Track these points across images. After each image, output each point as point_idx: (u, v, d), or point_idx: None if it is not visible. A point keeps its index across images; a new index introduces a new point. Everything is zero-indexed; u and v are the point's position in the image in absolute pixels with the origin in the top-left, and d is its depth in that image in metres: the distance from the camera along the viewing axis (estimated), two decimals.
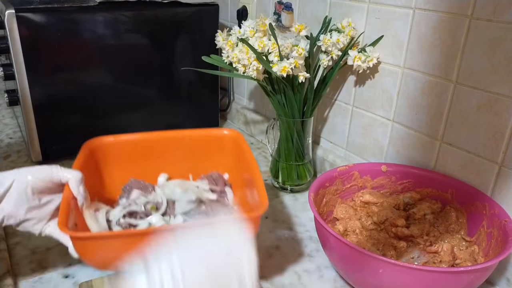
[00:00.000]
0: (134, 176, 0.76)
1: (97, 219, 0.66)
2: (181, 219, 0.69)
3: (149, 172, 0.78)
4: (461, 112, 0.72)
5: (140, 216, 0.69)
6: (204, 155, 0.79)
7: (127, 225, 0.68)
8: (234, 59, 0.83)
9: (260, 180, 0.66)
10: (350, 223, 0.74)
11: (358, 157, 0.93)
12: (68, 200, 0.60)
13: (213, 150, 0.79)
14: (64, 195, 0.61)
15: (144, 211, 0.70)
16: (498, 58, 0.65)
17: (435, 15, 0.72)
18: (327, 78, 0.88)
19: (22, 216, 0.59)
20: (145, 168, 0.78)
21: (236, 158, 0.77)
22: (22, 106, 0.94)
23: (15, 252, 0.74)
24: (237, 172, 0.78)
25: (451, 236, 0.70)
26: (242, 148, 0.75)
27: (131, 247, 0.54)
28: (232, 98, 1.31)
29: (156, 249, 0.49)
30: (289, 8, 1.01)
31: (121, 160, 0.76)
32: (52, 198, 0.62)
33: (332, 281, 0.71)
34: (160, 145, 0.78)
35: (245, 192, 0.72)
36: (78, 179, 0.62)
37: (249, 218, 0.59)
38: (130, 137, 0.78)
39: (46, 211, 0.61)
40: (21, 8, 0.88)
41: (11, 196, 0.58)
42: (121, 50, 1.01)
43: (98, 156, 0.74)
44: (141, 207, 0.71)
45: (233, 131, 0.79)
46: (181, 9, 1.06)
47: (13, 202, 0.58)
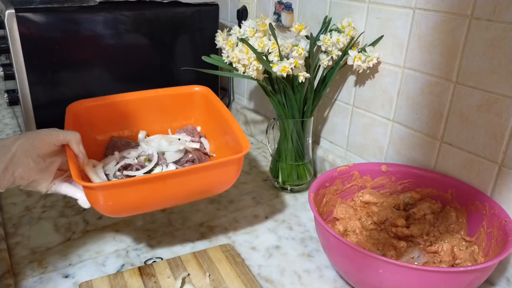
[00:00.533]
0: (115, 135, 0.85)
1: (97, 173, 0.72)
2: (173, 167, 0.76)
3: (128, 130, 0.87)
4: (461, 112, 0.72)
5: (136, 168, 0.76)
6: (178, 111, 0.89)
7: (124, 177, 0.74)
8: (234, 59, 0.83)
9: (236, 126, 0.74)
10: (350, 223, 0.74)
11: (358, 157, 0.93)
12: (72, 158, 0.66)
13: (186, 105, 0.89)
14: (68, 154, 0.66)
15: (138, 163, 0.77)
16: (498, 58, 0.65)
17: (435, 15, 0.72)
18: (327, 78, 0.88)
19: (31, 177, 0.63)
20: (125, 127, 0.86)
21: (207, 111, 0.86)
22: (22, 106, 0.94)
23: (15, 252, 0.74)
24: (209, 124, 0.87)
25: (451, 236, 0.70)
26: (213, 101, 0.83)
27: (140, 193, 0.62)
28: (232, 98, 1.31)
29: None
30: (289, 8, 1.01)
31: (102, 121, 0.83)
32: (54, 159, 0.67)
33: (332, 281, 0.71)
34: (137, 105, 0.86)
35: (224, 139, 0.80)
36: (77, 139, 0.68)
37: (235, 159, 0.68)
38: (109, 99, 0.85)
39: (50, 170, 0.66)
40: (21, 8, 0.88)
41: (19, 159, 0.61)
42: (121, 50, 1.01)
43: (81, 118, 0.80)
44: (134, 160, 0.78)
45: (203, 87, 0.88)
46: (181, 9, 1.06)
47: (21, 164, 0.61)
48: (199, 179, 0.67)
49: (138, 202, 0.65)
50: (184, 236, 0.79)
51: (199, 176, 0.67)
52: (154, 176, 0.67)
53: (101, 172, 0.73)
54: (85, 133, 0.77)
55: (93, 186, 0.61)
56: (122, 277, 0.67)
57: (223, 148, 0.81)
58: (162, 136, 0.85)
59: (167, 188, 0.65)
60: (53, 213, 0.84)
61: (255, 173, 1.03)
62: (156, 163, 0.78)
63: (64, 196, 0.89)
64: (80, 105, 0.82)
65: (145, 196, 0.64)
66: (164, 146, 0.80)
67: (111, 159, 0.79)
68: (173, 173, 0.68)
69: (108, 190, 0.62)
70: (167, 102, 0.88)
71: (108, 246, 0.76)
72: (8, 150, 0.61)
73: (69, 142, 0.67)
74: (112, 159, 0.79)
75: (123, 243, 0.77)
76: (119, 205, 0.64)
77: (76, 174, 0.61)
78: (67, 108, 0.79)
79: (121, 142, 0.84)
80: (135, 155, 0.80)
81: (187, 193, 0.69)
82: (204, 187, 0.69)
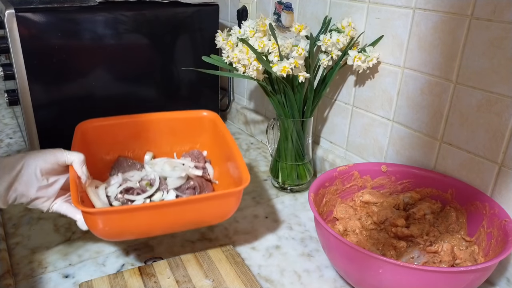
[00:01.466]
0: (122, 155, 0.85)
1: (99, 195, 0.73)
2: (173, 194, 0.77)
3: (135, 151, 0.87)
4: (461, 112, 0.72)
5: (137, 192, 0.76)
6: (185, 134, 0.88)
7: (125, 200, 0.74)
8: (234, 59, 0.83)
9: (239, 155, 0.74)
10: (350, 223, 0.74)
11: (358, 157, 0.93)
12: (75, 179, 0.67)
13: (193, 130, 0.89)
14: (71, 175, 0.67)
15: (139, 187, 0.77)
16: (498, 58, 0.65)
17: (435, 15, 0.72)
18: (327, 78, 0.88)
19: (33, 195, 0.65)
20: (132, 148, 0.87)
21: (214, 136, 0.86)
22: (22, 106, 0.94)
23: (15, 252, 0.74)
24: (215, 149, 0.86)
25: (451, 236, 0.70)
26: (219, 127, 0.83)
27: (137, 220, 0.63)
28: (232, 98, 1.31)
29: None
30: (289, 8, 1.01)
31: (110, 141, 0.84)
32: (58, 178, 0.68)
33: (332, 281, 0.71)
34: (145, 126, 0.87)
35: (226, 166, 0.80)
36: (81, 160, 0.69)
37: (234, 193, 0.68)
38: (117, 120, 0.85)
39: (53, 190, 0.67)
40: (21, 8, 0.88)
41: (22, 177, 0.64)
42: (121, 50, 1.01)
43: (89, 137, 0.81)
44: (136, 184, 0.78)
45: (211, 112, 0.88)
46: (181, 9, 1.06)
47: (25, 182, 0.64)
48: (196, 209, 0.67)
49: (134, 229, 0.66)
50: (184, 236, 0.79)
51: (196, 207, 0.67)
52: (150, 205, 0.68)
53: (103, 194, 0.74)
54: (92, 152, 0.79)
55: (91, 212, 0.61)
56: (122, 277, 0.67)
57: (225, 175, 0.81)
58: (167, 160, 0.85)
59: (164, 217, 0.66)
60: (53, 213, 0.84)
61: (255, 173, 1.03)
62: (157, 189, 0.78)
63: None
64: (89, 124, 0.82)
65: (141, 223, 0.64)
66: (167, 171, 0.80)
67: (114, 181, 0.79)
68: (170, 203, 0.69)
69: (105, 216, 0.63)
70: (175, 125, 0.89)
71: (108, 246, 0.76)
72: (12, 168, 0.62)
73: (73, 162, 0.68)
74: (116, 181, 0.79)
75: (123, 243, 0.77)
76: (116, 230, 0.65)
77: (76, 198, 0.62)
78: (76, 127, 0.80)
79: (127, 162, 0.84)
80: (138, 179, 0.80)
81: (184, 222, 0.69)
82: (201, 217, 0.69)
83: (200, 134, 0.89)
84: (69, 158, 0.68)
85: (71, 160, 0.68)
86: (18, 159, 0.64)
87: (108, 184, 0.78)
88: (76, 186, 0.65)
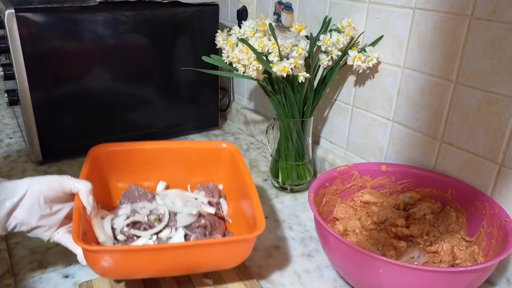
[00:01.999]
0: (134, 183, 0.80)
1: (103, 227, 0.69)
2: (182, 232, 0.71)
3: (149, 180, 0.81)
4: (461, 112, 0.72)
5: (144, 228, 0.71)
6: (202, 166, 0.82)
7: (131, 235, 0.70)
8: (234, 59, 0.83)
9: (255, 194, 0.69)
10: (350, 223, 0.74)
11: (358, 157, 0.93)
12: (79, 210, 0.63)
13: (210, 161, 0.82)
14: (75, 205, 0.63)
15: (147, 221, 0.72)
16: (498, 58, 0.65)
17: (435, 15, 0.72)
18: (327, 78, 0.88)
19: (34, 224, 0.61)
20: (145, 176, 0.81)
21: (231, 170, 0.80)
22: (22, 106, 0.94)
23: (15, 252, 0.74)
24: (231, 184, 0.81)
25: (451, 236, 0.70)
26: (238, 161, 0.78)
27: (139, 261, 0.59)
28: (232, 98, 1.31)
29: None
30: (289, 8, 1.01)
31: (123, 167, 0.79)
32: (62, 207, 0.64)
33: (332, 281, 0.71)
34: (160, 155, 0.81)
35: (241, 203, 0.75)
36: (88, 190, 0.65)
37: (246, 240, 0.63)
38: (133, 146, 0.81)
39: (56, 219, 0.63)
40: (21, 8, 0.88)
41: (25, 204, 0.60)
42: (121, 50, 1.01)
43: (102, 162, 0.77)
44: (145, 218, 0.73)
45: (231, 145, 0.82)
46: (181, 9, 1.06)
47: (26, 210, 0.60)
48: (204, 254, 0.62)
49: (135, 269, 0.62)
50: None
51: (203, 252, 0.62)
52: (153, 248, 0.64)
53: (108, 226, 0.69)
54: (103, 178, 0.76)
55: (90, 249, 0.57)
56: None
57: (239, 214, 0.75)
58: (179, 193, 0.79)
59: (168, 260, 0.62)
60: None
61: (255, 173, 1.03)
62: (166, 225, 0.73)
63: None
64: (102, 149, 0.78)
65: (143, 265, 0.61)
66: (178, 206, 0.75)
67: (122, 211, 0.74)
68: (175, 246, 0.65)
69: (106, 255, 0.59)
70: (192, 156, 0.83)
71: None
72: (15, 194, 0.59)
73: (79, 191, 0.64)
74: (123, 212, 0.74)
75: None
76: (116, 270, 0.62)
77: (77, 233, 0.58)
78: (89, 151, 0.76)
79: (139, 191, 0.79)
80: (147, 212, 0.74)
81: (189, 266, 0.65)
82: (209, 263, 0.64)
83: (217, 166, 0.82)
84: (76, 187, 0.64)
85: (77, 189, 0.64)
86: (22, 184, 0.60)
87: (115, 215, 0.73)
88: (79, 218, 0.61)
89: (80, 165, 1.02)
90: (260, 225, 0.62)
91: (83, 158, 1.05)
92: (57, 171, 0.99)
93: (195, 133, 1.22)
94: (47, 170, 1.00)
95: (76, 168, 1.01)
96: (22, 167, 1.01)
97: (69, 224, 0.65)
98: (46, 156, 1.01)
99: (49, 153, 1.01)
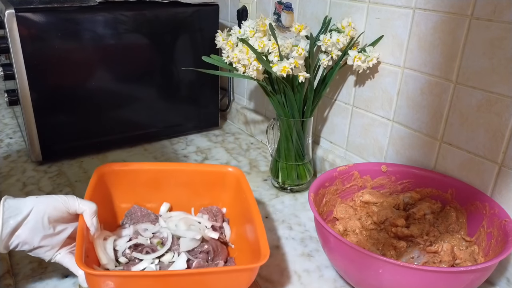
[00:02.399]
0: (138, 203, 0.79)
1: (106, 249, 0.68)
2: (185, 257, 0.70)
3: (152, 201, 0.81)
4: (461, 112, 0.72)
5: (146, 251, 0.70)
6: (206, 189, 0.82)
7: (133, 257, 0.69)
8: (234, 59, 0.83)
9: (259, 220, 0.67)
10: (350, 223, 0.74)
11: (358, 157, 0.93)
12: (83, 231, 0.62)
13: (215, 185, 0.81)
14: (79, 226, 0.63)
15: (150, 245, 0.72)
16: (498, 58, 0.65)
17: (435, 15, 0.72)
18: (327, 78, 0.88)
19: (37, 243, 0.61)
20: (149, 197, 0.80)
21: (236, 194, 0.79)
22: (22, 106, 0.94)
23: (15, 252, 0.74)
24: (235, 208, 0.79)
25: (451, 236, 0.70)
26: (243, 186, 0.77)
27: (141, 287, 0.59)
28: (232, 98, 1.31)
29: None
30: (289, 8, 1.01)
31: (127, 187, 0.79)
32: (65, 227, 0.64)
33: (332, 281, 0.71)
34: (165, 176, 0.81)
35: (244, 228, 0.74)
36: (92, 211, 0.64)
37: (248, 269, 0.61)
38: (138, 166, 0.81)
39: (59, 239, 0.63)
40: (21, 8, 0.88)
41: (28, 223, 0.60)
42: (121, 50, 1.01)
43: (107, 181, 0.76)
44: (147, 240, 0.73)
45: (236, 169, 0.81)
46: (181, 9, 1.06)
47: (30, 229, 0.60)
48: (205, 283, 0.62)
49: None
50: None
51: (205, 280, 0.62)
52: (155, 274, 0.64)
53: (110, 248, 0.69)
54: (108, 198, 0.76)
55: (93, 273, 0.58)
56: None
57: (242, 239, 0.74)
58: (183, 217, 0.78)
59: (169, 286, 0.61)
60: None
61: (255, 173, 1.03)
62: (169, 248, 0.72)
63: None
64: (107, 169, 0.77)
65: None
66: (181, 230, 0.74)
67: (125, 233, 0.74)
68: (177, 273, 0.64)
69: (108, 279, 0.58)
70: (196, 178, 0.82)
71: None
72: (19, 213, 0.59)
73: (84, 212, 0.64)
74: (126, 233, 0.74)
75: None
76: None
77: (80, 257, 0.58)
78: (95, 171, 0.75)
79: (142, 212, 0.78)
80: (150, 235, 0.74)
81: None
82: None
83: (221, 190, 0.81)
84: (81, 208, 0.64)
85: (82, 209, 0.64)
86: (27, 203, 0.60)
87: (118, 236, 0.73)
88: (82, 240, 0.61)
89: (80, 165, 1.02)
90: (264, 254, 0.61)
91: (83, 158, 1.06)
92: (57, 171, 0.99)
93: (195, 133, 1.22)
94: (47, 170, 1.00)
95: (76, 168, 1.01)
96: (22, 167, 1.01)
97: (71, 244, 0.65)
98: (46, 156, 1.01)
99: (49, 153, 1.01)
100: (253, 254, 0.65)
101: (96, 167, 0.77)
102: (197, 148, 1.14)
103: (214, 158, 1.10)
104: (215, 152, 1.13)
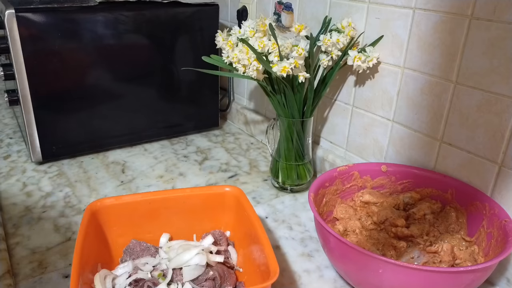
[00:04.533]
0: (136, 237, 0.75)
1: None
2: (189, 287, 0.66)
3: (151, 232, 0.77)
4: (461, 112, 0.72)
5: (147, 286, 0.67)
6: (205, 212, 0.78)
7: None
8: (234, 59, 0.83)
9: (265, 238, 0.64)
10: (350, 223, 0.74)
11: (358, 157, 0.93)
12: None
13: (214, 207, 0.77)
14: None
15: (151, 278, 0.68)
16: (498, 58, 0.65)
17: (435, 15, 0.72)
18: (327, 78, 0.88)
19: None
20: (147, 228, 0.76)
21: (237, 215, 0.76)
22: (22, 106, 0.94)
23: (15, 252, 0.74)
24: (239, 229, 0.76)
25: (451, 236, 0.70)
26: (243, 204, 0.73)
27: None
28: (232, 98, 1.31)
29: None
30: (289, 8, 1.01)
31: (122, 222, 0.75)
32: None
33: (332, 281, 0.71)
34: (161, 205, 0.76)
35: (251, 249, 0.70)
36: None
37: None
38: (131, 198, 0.76)
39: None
40: (21, 8, 0.88)
41: None
42: (121, 50, 1.01)
43: (100, 218, 0.72)
44: (148, 274, 0.69)
45: (234, 187, 0.77)
46: (181, 9, 1.06)
47: None
48: None
49: None
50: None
51: None
52: None
53: (109, 286, 0.66)
54: (103, 235, 0.72)
55: None
56: None
57: (250, 261, 0.70)
58: (183, 244, 0.74)
59: None
60: (53, 213, 0.84)
61: (255, 173, 1.03)
62: (171, 280, 0.67)
63: (64, 197, 0.90)
64: (99, 204, 0.72)
65: None
66: (183, 258, 0.69)
67: (124, 269, 0.70)
68: None
69: None
70: (194, 203, 0.77)
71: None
72: None
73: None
74: (125, 269, 0.70)
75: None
76: None
77: None
78: (86, 208, 0.71)
79: (141, 246, 0.74)
80: (150, 268, 0.70)
81: None
82: None
83: (222, 212, 0.77)
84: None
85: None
86: None
87: (116, 274, 0.69)
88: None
89: (80, 165, 1.03)
90: (274, 271, 0.57)
91: (83, 158, 1.06)
92: (57, 171, 0.99)
93: (195, 133, 1.22)
94: (47, 170, 1.00)
95: (76, 168, 1.01)
96: (22, 167, 1.01)
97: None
98: (46, 156, 1.01)
99: (49, 153, 1.01)
100: (263, 275, 0.62)
101: (96, 167, 0.76)
102: (197, 148, 1.14)
103: (214, 158, 1.10)
104: (215, 152, 1.13)
